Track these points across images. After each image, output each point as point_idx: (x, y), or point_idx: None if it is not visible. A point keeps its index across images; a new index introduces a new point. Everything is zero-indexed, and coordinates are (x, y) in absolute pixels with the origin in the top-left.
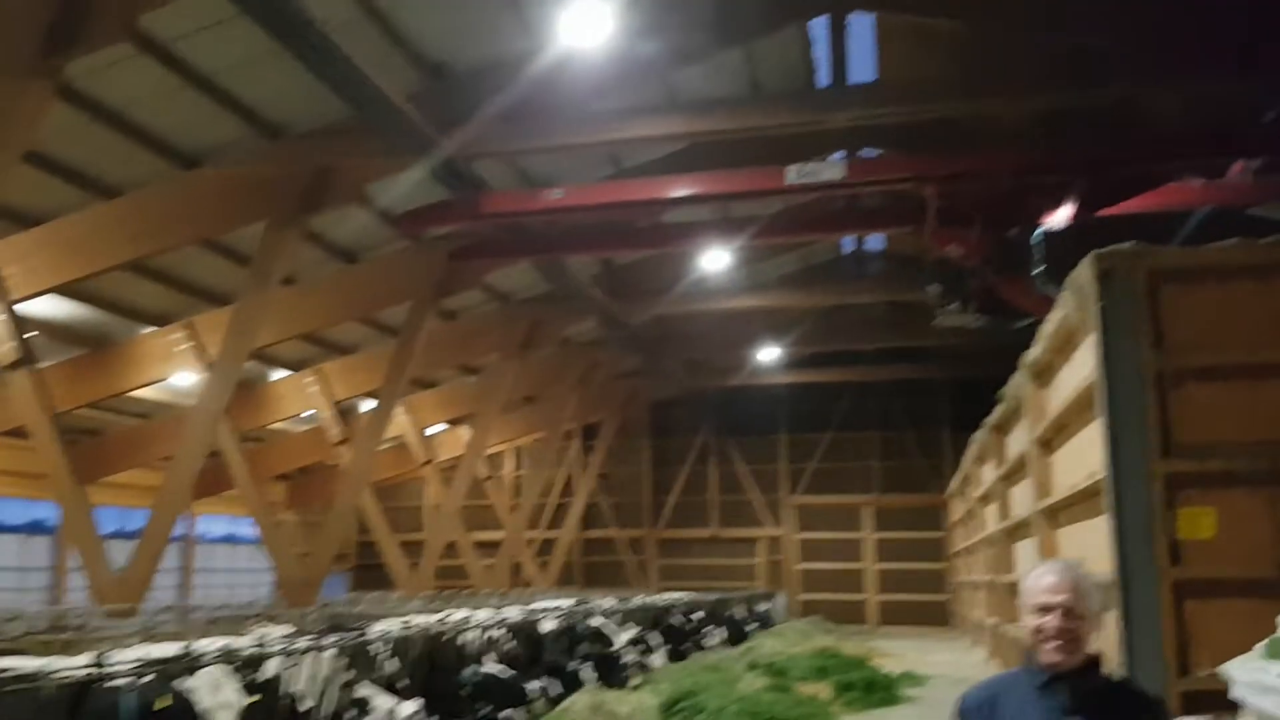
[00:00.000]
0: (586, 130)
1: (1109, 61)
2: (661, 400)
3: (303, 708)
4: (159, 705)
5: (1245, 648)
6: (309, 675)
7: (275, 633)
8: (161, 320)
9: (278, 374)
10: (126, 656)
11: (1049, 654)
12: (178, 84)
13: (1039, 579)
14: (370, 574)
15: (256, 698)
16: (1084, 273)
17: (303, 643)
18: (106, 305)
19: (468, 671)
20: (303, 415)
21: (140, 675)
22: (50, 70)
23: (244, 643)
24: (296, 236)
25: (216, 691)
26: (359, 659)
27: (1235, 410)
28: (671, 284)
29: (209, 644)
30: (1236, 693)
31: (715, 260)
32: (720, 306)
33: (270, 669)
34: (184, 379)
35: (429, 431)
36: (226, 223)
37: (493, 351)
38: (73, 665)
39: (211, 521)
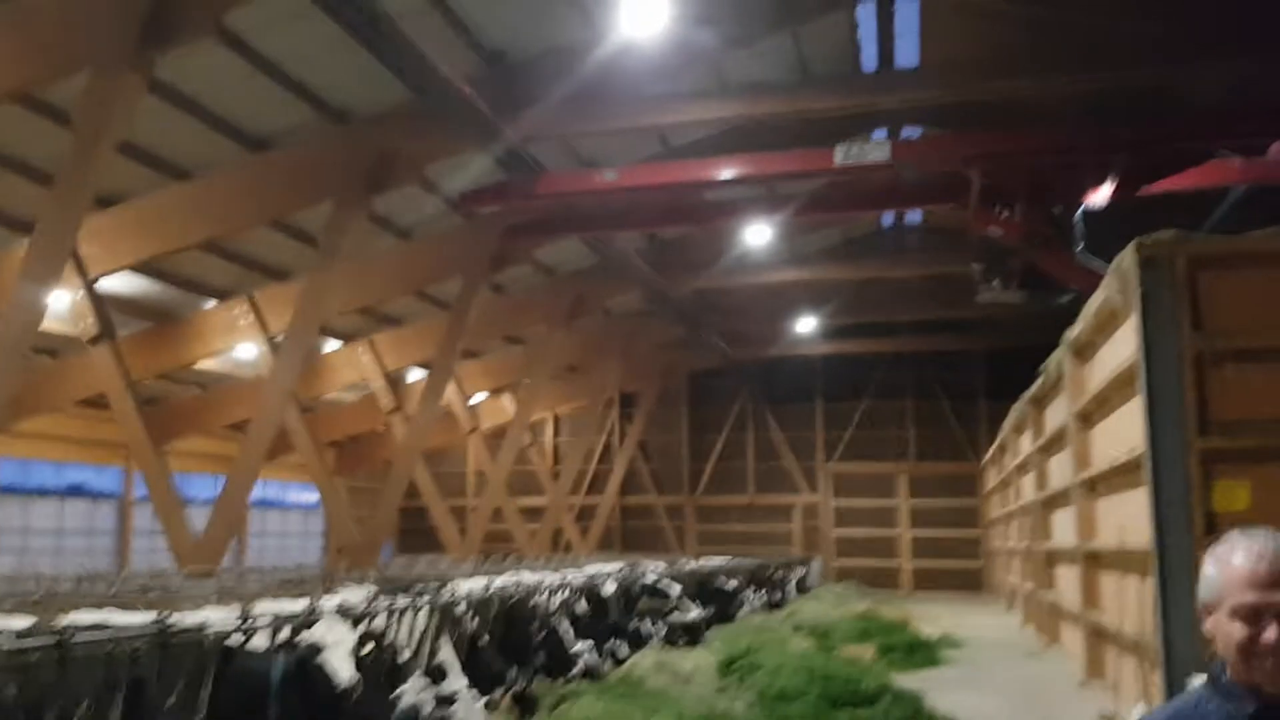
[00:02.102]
0: (639, 114)
1: (1150, 42)
2: (700, 369)
3: (401, 659)
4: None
5: None
6: (408, 630)
7: (359, 593)
8: (223, 294)
9: (330, 345)
10: (261, 611)
11: (1263, 676)
12: (248, 71)
13: (1239, 565)
14: (414, 539)
15: (371, 646)
16: (1127, 258)
17: (402, 600)
18: (171, 279)
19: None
20: (353, 385)
21: (278, 630)
22: (144, 63)
23: (353, 600)
24: (361, 216)
25: (334, 636)
26: (445, 617)
27: (1269, 390)
28: (714, 257)
29: (326, 602)
30: None
31: (758, 235)
32: (761, 280)
33: (377, 624)
34: (244, 351)
35: (473, 400)
36: (294, 204)
37: (539, 323)
38: (222, 619)
39: (262, 487)
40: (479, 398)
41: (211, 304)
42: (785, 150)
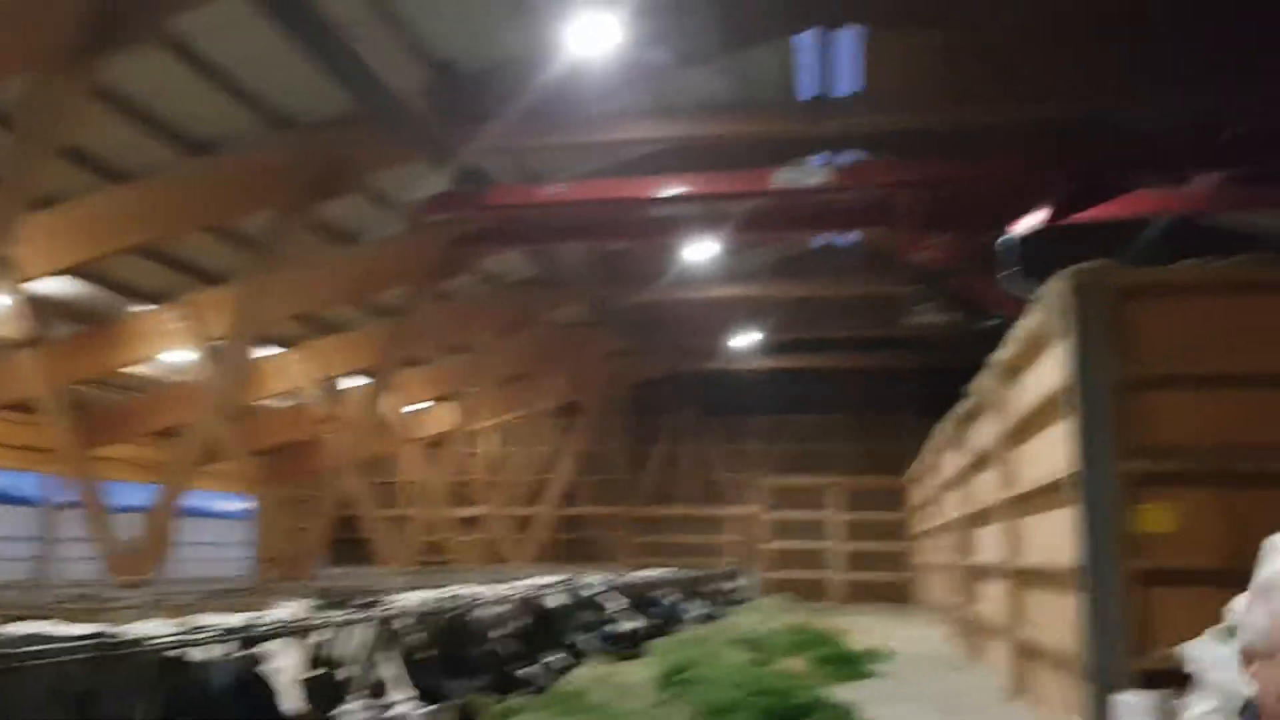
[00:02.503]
0: (587, 130)
1: (1079, 76)
2: (642, 381)
3: (342, 677)
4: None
5: (1197, 632)
6: (350, 646)
7: (299, 607)
8: (156, 298)
9: (263, 351)
10: (205, 624)
11: None
12: (191, 75)
13: None
14: (347, 549)
15: (321, 671)
16: (1058, 286)
17: (344, 615)
18: (103, 282)
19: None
20: (287, 392)
21: (221, 643)
22: (86, 68)
23: (295, 614)
24: (304, 223)
25: (285, 659)
26: (388, 631)
27: (1192, 416)
28: (658, 271)
29: (269, 616)
30: (1195, 669)
31: (700, 251)
32: (703, 294)
33: (320, 639)
34: (177, 356)
35: (412, 409)
36: (235, 210)
37: (482, 332)
38: (165, 632)
39: (189, 495)
40: (418, 406)
41: (144, 308)
42: (728, 170)
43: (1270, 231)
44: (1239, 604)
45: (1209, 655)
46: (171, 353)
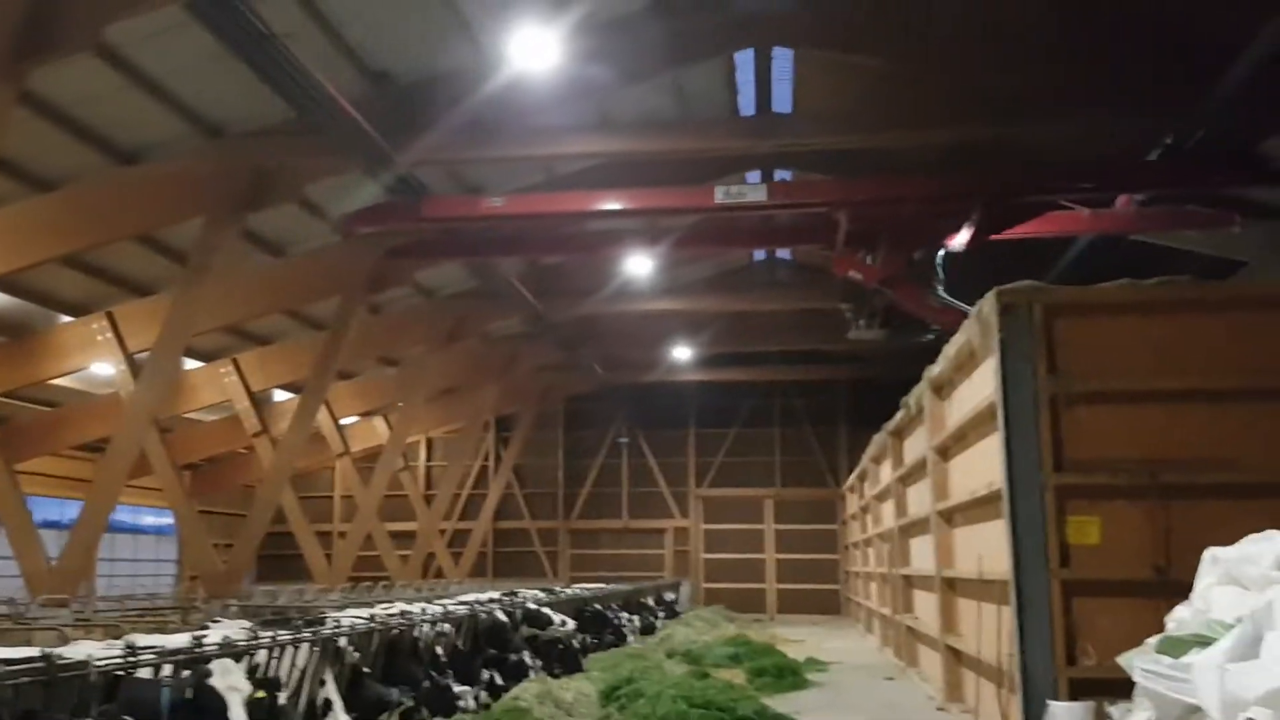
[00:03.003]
0: (525, 144)
1: (1006, 100)
2: (576, 394)
3: (282, 699)
4: (256, 694)
5: (1126, 641)
6: (289, 667)
7: (232, 626)
8: (79, 309)
9: (190, 363)
10: (145, 644)
11: None
12: (120, 83)
13: None
14: (276, 565)
15: (261, 693)
16: (987, 304)
17: (286, 635)
18: (23, 293)
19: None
20: (215, 405)
21: (165, 664)
22: (14, 76)
23: (233, 634)
24: (234, 233)
25: (228, 679)
26: (328, 651)
27: (1119, 431)
28: (594, 284)
29: (211, 636)
30: (1135, 679)
31: (637, 265)
32: (639, 308)
33: (257, 660)
34: (101, 368)
35: (344, 422)
36: (163, 218)
37: (416, 344)
38: (108, 654)
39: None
40: (350, 420)
41: (66, 319)
42: (666, 186)
43: (1197, 249)
44: (1180, 613)
45: (1149, 665)
46: (96, 365)
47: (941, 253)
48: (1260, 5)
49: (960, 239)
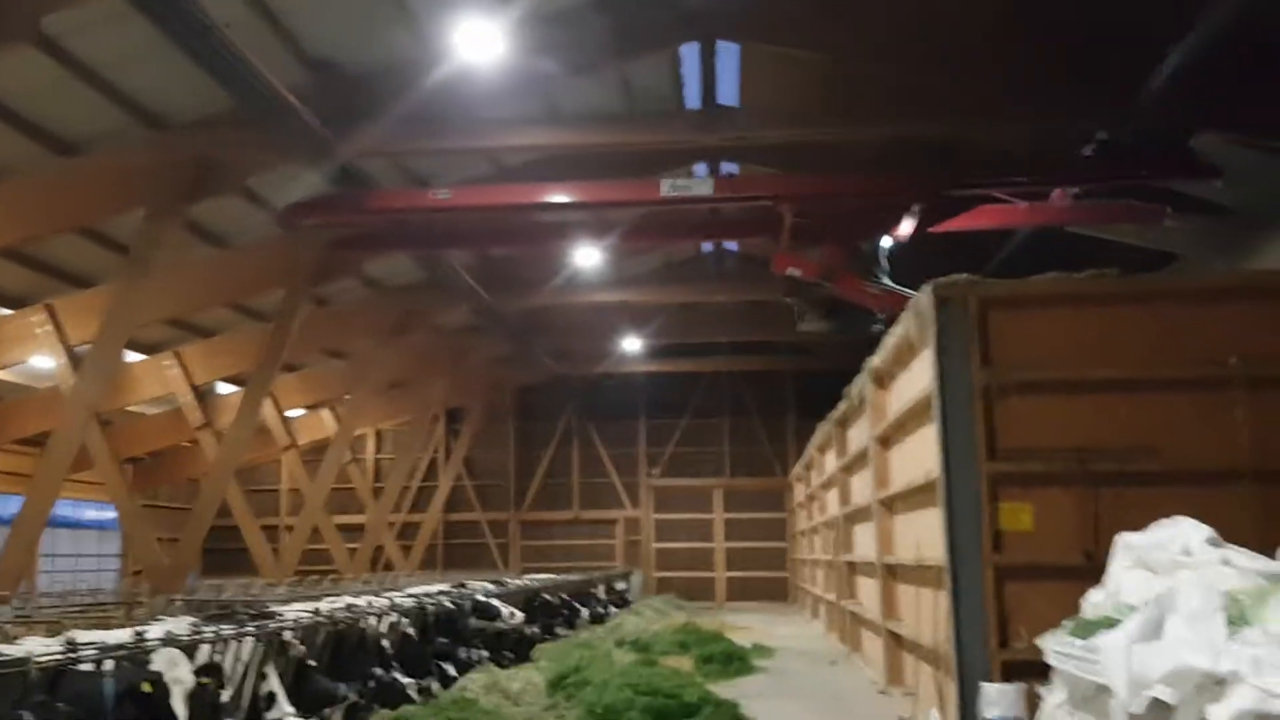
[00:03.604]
0: (472, 136)
1: (946, 96)
2: (527, 386)
3: (226, 693)
4: (145, 688)
5: (1057, 624)
6: (234, 660)
7: (176, 622)
8: (16, 302)
9: (132, 356)
10: (87, 640)
11: None
12: (59, 73)
13: None
14: (221, 560)
15: (206, 679)
16: (924, 297)
17: (228, 629)
18: None
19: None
20: (159, 398)
21: (106, 659)
22: None
23: (177, 630)
24: (176, 225)
25: (174, 670)
26: (273, 645)
27: (1050, 420)
28: (544, 276)
29: (153, 631)
30: (1051, 661)
31: (586, 257)
32: (588, 300)
33: (202, 654)
34: (40, 361)
35: (290, 414)
36: (105, 210)
37: (363, 337)
38: (49, 649)
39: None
40: (297, 412)
41: (5, 312)
42: (614, 178)
43: (1132, 242)
44: (1094, 596)
45: (1062, 647)
46: (37, 358)
47: (885, 244)
48: (1191, 4)
49: (902, 231)
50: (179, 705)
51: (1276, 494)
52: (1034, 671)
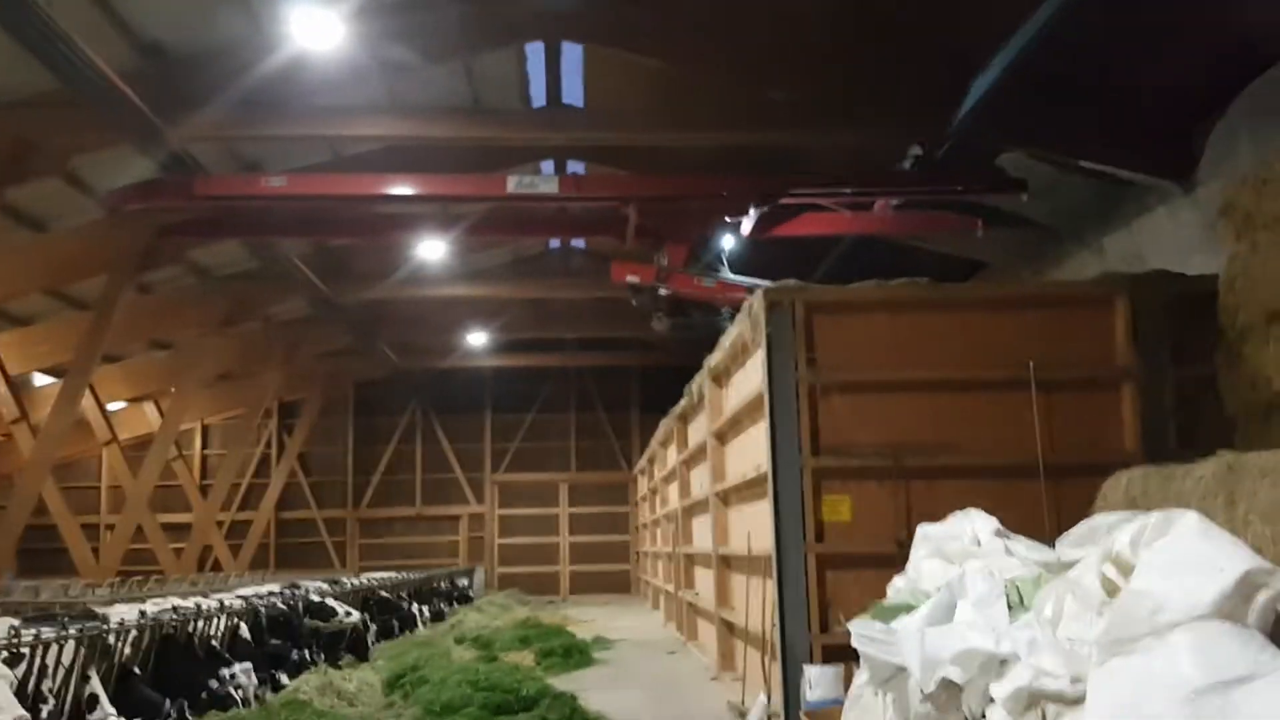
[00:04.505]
0: (307, 123)
1: (781, 108)
2: (368, 380)
3: (46, 696)
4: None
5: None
6: (54, 664)
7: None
8: None
9: None
10: None
11: None
12: None
13: None
14: (37, 559)
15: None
16: (756, 301)
17: (49, 631)
18: None
19: None
20: None
21: None
22: None
23: None
24: None
25: None
26: (95, 648)
27: (868, 418)
28: (385, 268)
29: None
30: (854, 644)
31: (430, 250)
32: (432, 293)
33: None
34: None
35: (110, 408)
36: None
37: (190, 327)
38: None
39: None
40: (117, 406)
41: None
42: (459, 172)
43: (948, 251)
44: (897, 583)
45: (863, 630)
46: None
47: (725, 244)
48: (1001, 30)
49: (739, 234)
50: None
51: (1066, 488)
52: (852, 654)
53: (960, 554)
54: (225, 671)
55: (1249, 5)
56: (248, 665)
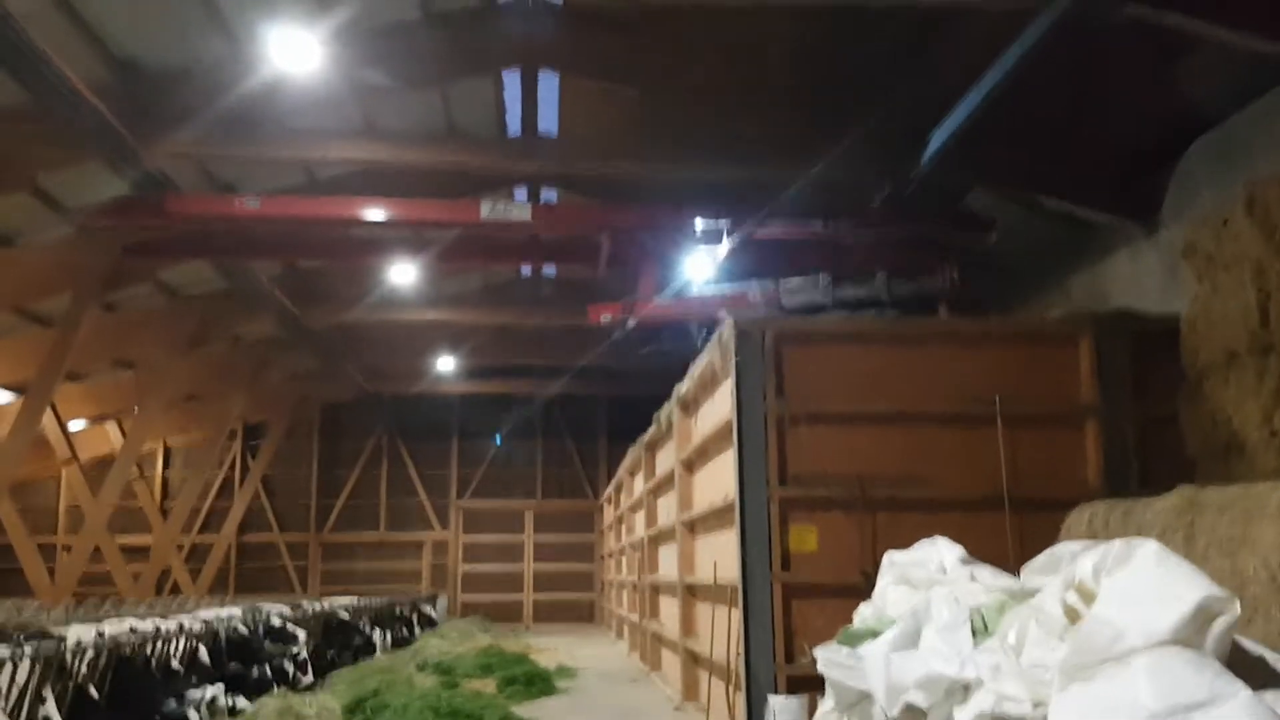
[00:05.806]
0: (285, 145)
1: (755, 143)
2: (335, 403)
3: None
4: None
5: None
6: (8, 684)
7: None
8: None
9: None
10: None
11: None
12: None
13: None
14: None
15: None
16: (726, 331)
17: (3, 650)
18: None
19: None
20: None
21: None
22: None
23: None
24: None
25: None
26: (50, 669)
27: (834, 449)
28: (355, 291)
29: None
30: (820, 669)
31: (401, 274)
32: (402, 318)
33: None
34: None
35: (71, 427)
36: None
37: (155, 346)
38: None
39: None
40: (78, 425)
41: None
42: (433, 198)
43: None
44: (864, 610)
45: (830, 655)
46: None
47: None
48: (967, 77)
49: (710, 263)
50: None
51: (1030, 521)
52: (816, 684)
53: (926, 581)
54: (196, 694)
55: (1194, 79)
56: (206, 690)
